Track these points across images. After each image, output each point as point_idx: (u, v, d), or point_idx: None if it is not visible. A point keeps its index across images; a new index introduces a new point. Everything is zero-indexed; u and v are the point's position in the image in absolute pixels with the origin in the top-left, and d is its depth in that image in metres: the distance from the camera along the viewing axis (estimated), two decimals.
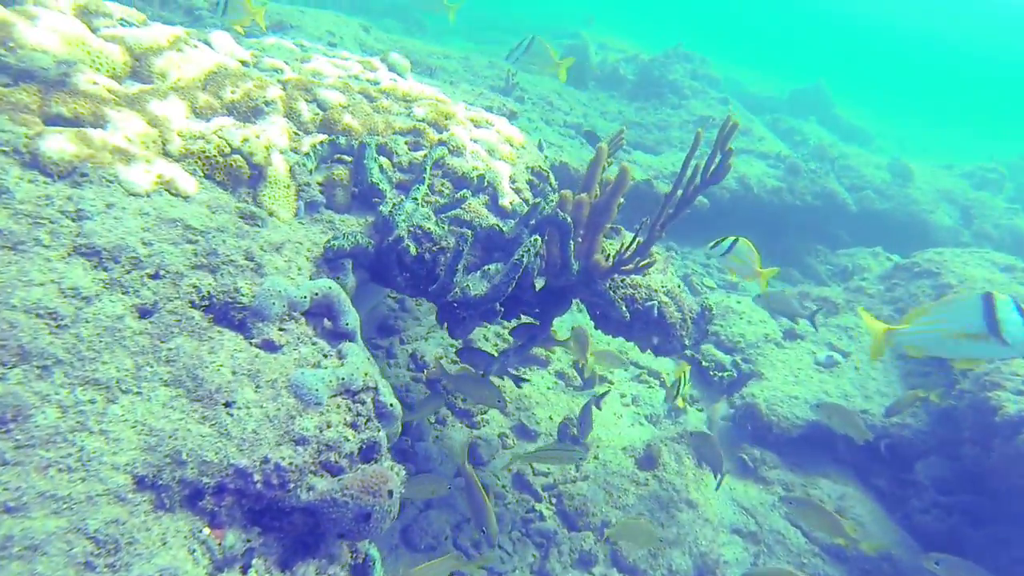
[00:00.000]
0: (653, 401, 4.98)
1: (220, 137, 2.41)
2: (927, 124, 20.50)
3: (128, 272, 1.80)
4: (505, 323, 4.10)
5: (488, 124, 3.56)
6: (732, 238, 3.70)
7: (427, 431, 3.92)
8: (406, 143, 3.12)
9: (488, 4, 22.44)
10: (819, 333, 5.44)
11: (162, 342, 1.73)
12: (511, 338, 3.40)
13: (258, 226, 2.33)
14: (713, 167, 2.81)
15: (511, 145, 3.61)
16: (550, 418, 4.40)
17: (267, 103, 2.85)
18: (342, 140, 2.80)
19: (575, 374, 4.84)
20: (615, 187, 2.88)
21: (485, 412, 4.19)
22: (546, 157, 4.14)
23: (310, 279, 2.36)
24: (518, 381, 4.06)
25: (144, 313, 1.78)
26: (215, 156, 2.36)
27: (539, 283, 3.08)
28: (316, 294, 2.22)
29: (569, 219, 2.86)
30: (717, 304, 5.81)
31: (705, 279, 7.15)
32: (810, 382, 4.92)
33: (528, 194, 3.39)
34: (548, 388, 4.69)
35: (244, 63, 3.23)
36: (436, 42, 13.25)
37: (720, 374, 5.21)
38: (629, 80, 10.45)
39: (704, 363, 5.29)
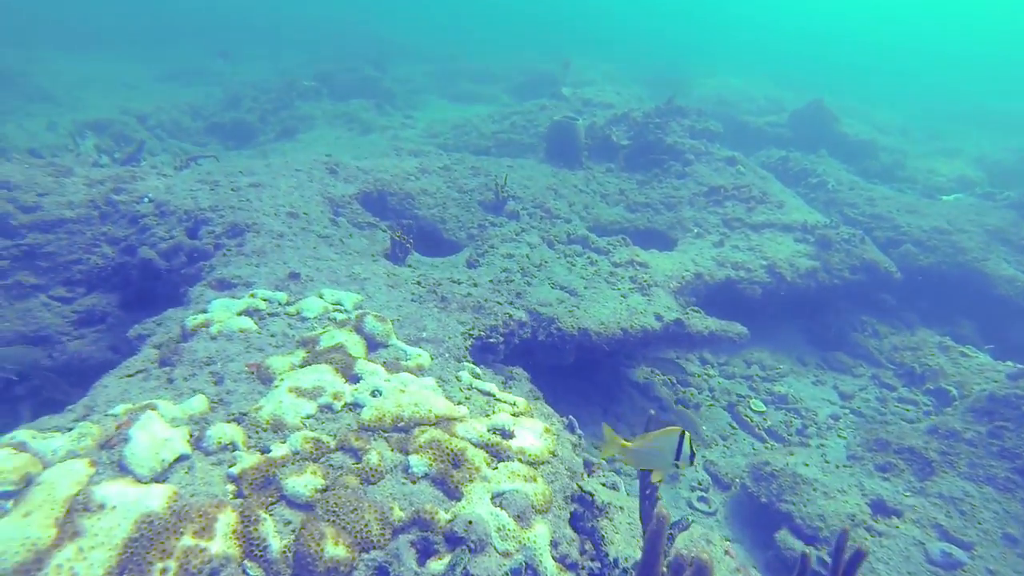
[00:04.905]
0: None
1: None
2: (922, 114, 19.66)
3: None
4: None
5: (509, 451, 2.74)
6: None
7: None
8: (412, 543, 2.30)
9: (457, 52, 21.53)
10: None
11: None
12: None
13: None
14: None
15: (543, 464, 2.78)
16: None
17: None
18: None
19: None
20: None
21: None
22: (580, 436, 3.31)
23: None
24: None
25: None
26: None
27: None
28: None
29: None
30: (781, 471, 4.98)
31: (752, 402, 6.32)
32: None
33: (577, 550, 2.57)
34: None
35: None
36: (407, 123, 12.42)
37: None
38: (623, 145, 9.59)
39: None
